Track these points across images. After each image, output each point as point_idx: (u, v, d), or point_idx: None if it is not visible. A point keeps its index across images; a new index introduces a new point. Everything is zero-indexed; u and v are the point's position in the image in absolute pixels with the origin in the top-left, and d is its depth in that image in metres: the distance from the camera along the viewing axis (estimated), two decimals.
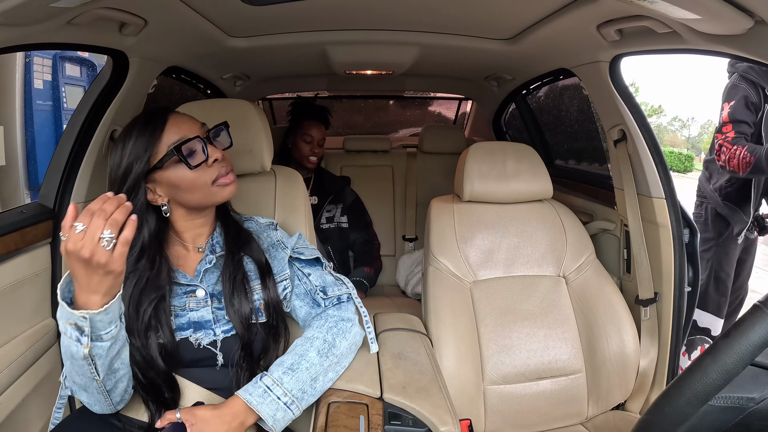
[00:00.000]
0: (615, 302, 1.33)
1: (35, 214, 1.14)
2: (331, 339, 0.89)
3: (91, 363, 0.72)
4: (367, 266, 2.05)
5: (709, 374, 0.53)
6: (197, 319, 0.88)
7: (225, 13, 1.25)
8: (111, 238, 0.64)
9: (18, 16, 0.81)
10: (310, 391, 0.84)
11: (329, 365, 0.87)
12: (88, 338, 0.69)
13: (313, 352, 0.86)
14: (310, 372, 0.84)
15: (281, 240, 0.99)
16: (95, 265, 0.65)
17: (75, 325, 0.68)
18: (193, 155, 0.84)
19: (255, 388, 0.81)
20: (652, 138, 1.34)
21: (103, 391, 0.77)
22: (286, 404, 0.80)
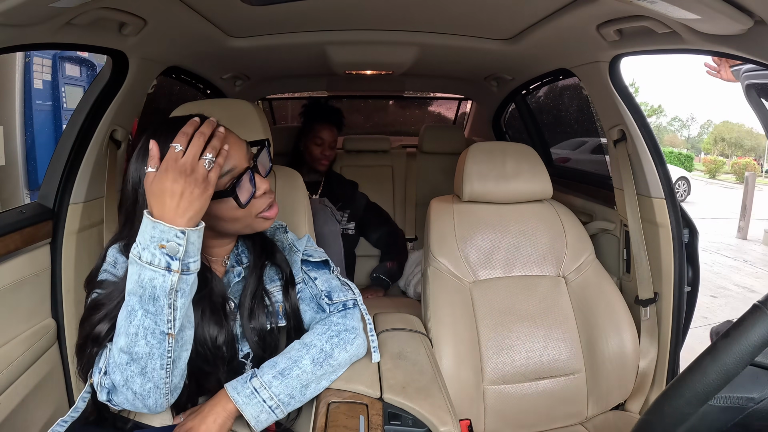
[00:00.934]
0: (615, 302, 1.33)
1: (35, 215, 1.14)
2: (330, 349, 0.86)
3: (171, 305, 0.65)
4: (390, 261, 2.03)
5: (708, 374, 0.53)
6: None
7: (224, 13, 1.25)
8: (211, 160, 0.65)
9: (18, 16, 0.81)
10: (299, 397, 0.82)
11: (323, 374, 0.85)
12: (180, 263, 0.64)
13: (308, 360, 0.84)
14: (301, 379, 0.82)
15: (293, 243, 0.97)
16: (194, 181, 0.64)
17: (167, 248, 0.63)
18: (242, 190, 0.76)
19: (243, 387, 0.79)
20: (651, 138, 1.35)
21: (168, 363, 0.68)
22: (271, 408, 0.79)
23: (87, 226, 1.26)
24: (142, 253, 0.64)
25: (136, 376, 0.68)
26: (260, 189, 0.79)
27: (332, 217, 1.80)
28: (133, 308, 0.66)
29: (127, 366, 0.68)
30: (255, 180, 0.78)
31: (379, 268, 2.02)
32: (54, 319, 1.19)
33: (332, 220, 1.79)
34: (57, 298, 1.19)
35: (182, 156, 0.65)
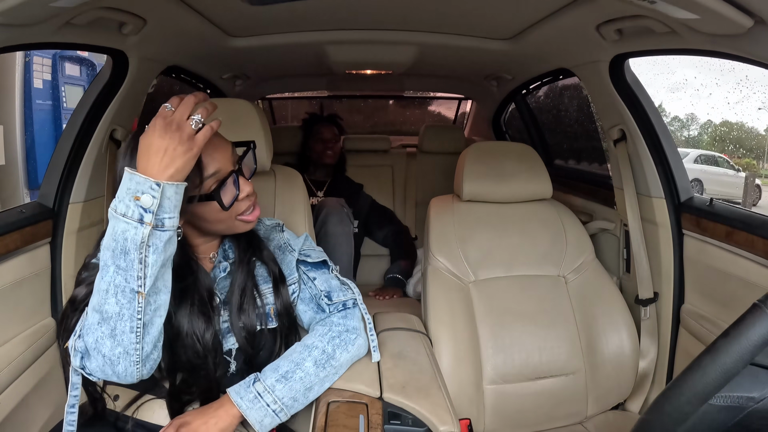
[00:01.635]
0: (614, 302, 1.33)
1: (35, 214, 1.14)
2: (331, 350, 0.86)
3: (142, 260, 0.65)
4: (403, 259, 2.04)
5: (708, 374, 0.53)
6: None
7: (224, 13, 1.25)
8: (199, 120, 0.67)
9: (18, 16, 0.81)
10: (302, 399, 0.83)
11: (325, 376, 0.85)
12: (153, 216, 0.64)
13: (310, 362, 0.84)
14: (305, 382, 0.82)
15: (288, 242, 0.97)
16: (178, 139, 0.65)
17: (141, 200, 0.64)
18: (225, 192, 0.78)
19: (246, 392, 0.80)
20: (653, 138, 1.34)
21: (138, 326, 0.67)
22: (275, 411, 0.79)
23: (87, 225, 1.26)
24: (118, 205, 0.65)
25: (105, 338, 0.67)
26: (243, 192, 0.80)
27: (347, 217, 1.82)
28: (106, 263, 0.66)
29: (98, 326, 0.67)
30: (239, 182, 0.79)
31: (393, 267, 2.02)
32: (54, 319, 1.19)
33: (347, 220, 1.81)
34: (57, 298, 1.19)
35: (171, 115, 0.66)
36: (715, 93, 4.71)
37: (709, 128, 4.44)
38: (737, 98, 3.61)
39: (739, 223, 1.15)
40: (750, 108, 3.74)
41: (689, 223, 1.30)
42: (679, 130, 4.37)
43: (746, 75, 3.00)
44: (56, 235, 1.19)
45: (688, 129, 4.46)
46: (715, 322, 1.21)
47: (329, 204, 1.81)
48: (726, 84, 3.25)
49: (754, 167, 4.45)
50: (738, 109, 4.59)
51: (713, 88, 4.89)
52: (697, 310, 1.29)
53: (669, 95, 5.47)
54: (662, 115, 1.36)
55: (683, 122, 4.43)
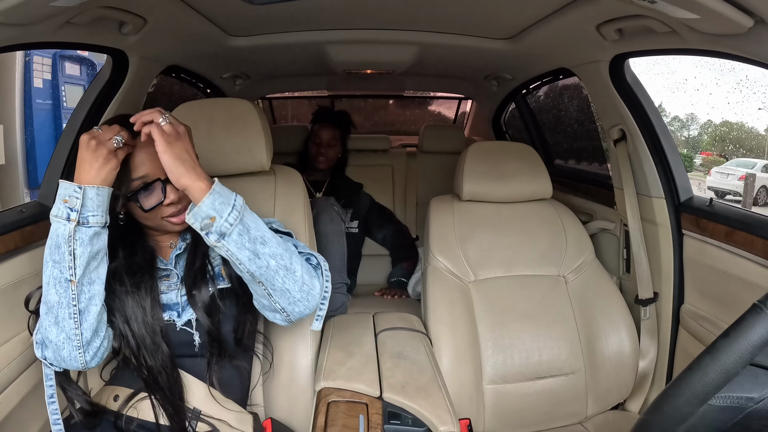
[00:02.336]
0: (614, 302, 1.33)
1: (35, 213, 1.14)
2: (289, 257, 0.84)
3: (71, 253, 0.76)
4: (405, 261, 2.03)
5: (708, 374, 0.53)
6: (165, 300, 0.91)
7: (224, 12, 1.25)
8: (120, 141, 0.78)
9: (18, 15, 0.81)
10: (250, 243, 0.79)
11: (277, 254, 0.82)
12: (77, 214, 0.76)
13: (276, 239, 0.84)
14: (266, 236, 0.81)
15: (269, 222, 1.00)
16: (95, 155, 0.76)
17: (68, 201, 0.76)
18: (149, 196, 0.86)
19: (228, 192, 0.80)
20: (654, 138, 1.34)
21: (75, 313, 0.78)
22: (234, 207, 0.78)
23: None
24: (53, 209, 0.77)
25: (51, 325, 0.79)
26: (168, 198, 0.86)
27: (338, 215, 1.81)
28: (46, 260, 0.78)
29: (45, 316, 0.79)
30: (166, 190, 0.86)
31: (396, 271, 2.02)
32: None
33: (338, 219, 1.80)
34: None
35: (96, 134, 0.78)
36: (715, 93, 4.71)
37: (709, 128, 4.45)
38: (737, 98, 3.62)
39: (739, 223, 1.15)
40: (750, 108, 3.75)
41: (689, 223, 1.30)
42: (679, 130, 4.38)
43: (746, 75, 3.01)
44: None
45: (688, 129, 4.47)
46: (715, 323, 1.21)
47: (319, 203, 1.80)
48: (726, 84, 3.25)
49: None
50: (738, 109, 4.61)
51: (713, 88, 4.90)
52: (697, 310, 1.29)
53: (669, 95, 5.46)
54: (662, 115, 1.36)
55: (683, 122, 4.43)
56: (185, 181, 0.78)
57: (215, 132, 1.15)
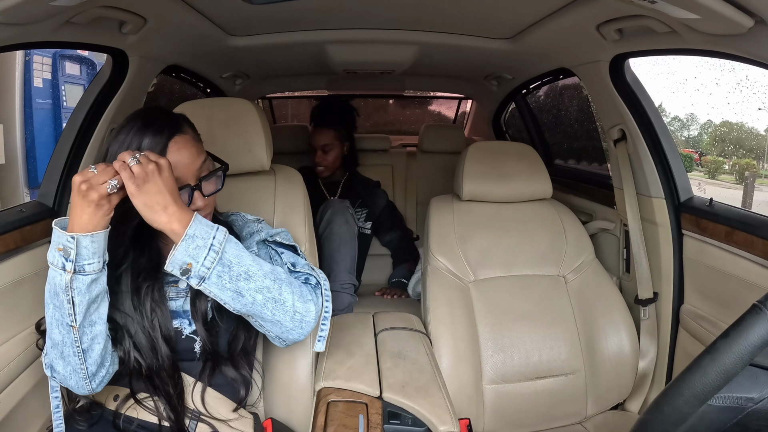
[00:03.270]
0: (614, 302, 1.33)
1: (35, 213, 1.14)
2: (284, 279, 0.83)
3: (70, 300, 0.74)
4: (407, 262, 2.02)
5: (708, 374, 0.53)
6: (175, 308, 0.89)
7: (225, 12, 1.25)
8: (114, 186, 0.73)
9: (18, 15, 0.81)
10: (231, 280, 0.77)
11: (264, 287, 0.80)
12: (73, 264, 0.73)
13: (267, 267, 0.82)
14: (249, 270, 0.79)
15: (260, 230, 0.99)
16: (87, 201, 0.72)
17: (63, 250, 0.73)
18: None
19: (207, 227, 0.77)
20: (654, 138, 1.34)
21: (79, 352, 0.77)
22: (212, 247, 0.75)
23: None
24: (49, 254, 0.75)
25: (57, 359, 0.79)
26: (193, 205, 0.85)
27: (352, 217, 1.80)
28: (47, 302, 0.77)
29: (51, 349, 0.79)
30: (193, 196, 0.85)
31: (398, 271, 2.01)
32: None
33: (352, 221, 1.78)
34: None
35: (90, 177, 0.72)
36: (715, 93, 4.72)
37: (709, 128, 4.44)
38: (737, 98, 3.63)
39: (739, 224, 1.15)
40: (750, 108, 3.75)
41: (689, 224, 1.30)
42: (679, 130, 4.37)
43: (746, 75, 3.03)
44: None
45: (688, 129, 4.45)
46: (715, 323, 1.21)
47: (334, 205, 1.80)
48: (726, 84, 3.27)
49: (754, 167, 4.45)
50: (738, 109, 4.61)
51: (713, 88, 4.89)
52: (697, 310, 1.29)
53: (669, 95, 5.44)
54: (662, 115, 1.36)
55: (683, 122, 4.42)
56: (158, 225, 0.75)
57: (215, 131, 1.15)
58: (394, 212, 2.15)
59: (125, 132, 0.81)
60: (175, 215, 0.75)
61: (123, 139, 0.80)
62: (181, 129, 0.84)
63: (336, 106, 2.09)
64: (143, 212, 0.75)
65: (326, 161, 2.00)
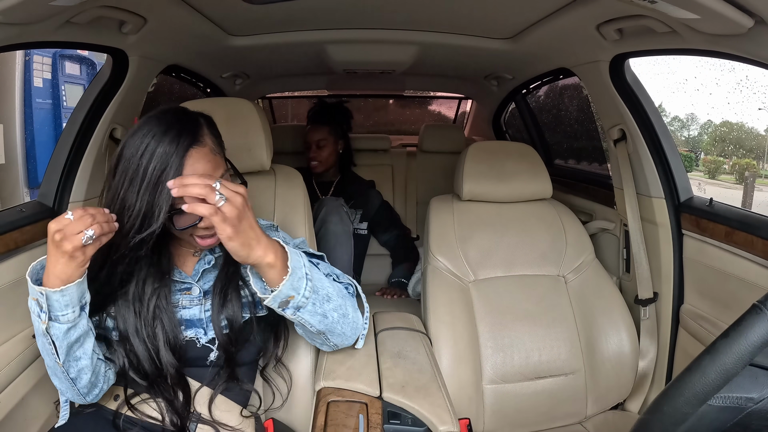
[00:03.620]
0: (614, 302, 1.33)
1: (35, 213, 1.14)
2: (344, 303, 0.85)
3: (50, 342, 0.74)
4: (407, 262, 2.02)
5: (707, 374, 0.53)
6: (188, 316, 0.87)
7: (224, 12, 1.25)
8: (90, 237, 0.69)
9: (18, 15, 0.81)
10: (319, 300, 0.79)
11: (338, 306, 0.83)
12: (46, 315, 0.72)
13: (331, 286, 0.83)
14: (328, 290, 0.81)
15: (284, 239, 0.96)
16: (60, 253, 0.69)
17: (36, 301, 0.72)
18: (185, 217, 0.78)
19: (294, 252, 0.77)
20: (654, 138, 1.34)
21: (68, 378, 0.79)
22: (306, 275, 0.76)
23: None
24: (29, 298, 0.74)
25: (53, 375, 0.80)
26: (204, 222, 0.80)
27: (346, 216, 1.80)
28: (36, 332, 0.76)
29: (47, 366, 0.80)
30: None
31: (397, 271, 2.01)
32: None
33: (346, 219, 1.79)
34: None
35: (65, 225, 0.69)
36: (715, 93, 4.72)
37: (709, 128, 4.44)
38: (737, 98, 3.62)
39: (739, 224, 1.15)
40: (750, 108, 3.75)
41: (689, 224, 1.30)
42: (679, 130, 4.36)
43: (746, 75, 3.03)
44: None
45: (688, 129, 4.45)
46: (715, 323, 1.21)
47: (328, 203, 1.79)
48: (726, 84, 3.27)
49: (754, 167, 4.44)
50: (738, 109, 4.60)
51: (713, 88, 4.89)
52: (697, 310, 1.29)
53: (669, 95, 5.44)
54: (662, 115, 1.36)
55: (683, 122, 4.42)
56: (253, 261, 0.71)
57: None
58: (390, 212, 2.15)
59: (140, 136, 0.75)
60: (269, 246, 0.72)
61: (138, 144, 0.75)
62: (199, 139, 0.78)
63: (332, 106, 2.12)
64: (237, 252, 0.70)
65: (320, 156, 2.02)
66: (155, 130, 0.75)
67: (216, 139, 0.83)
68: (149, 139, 0.75)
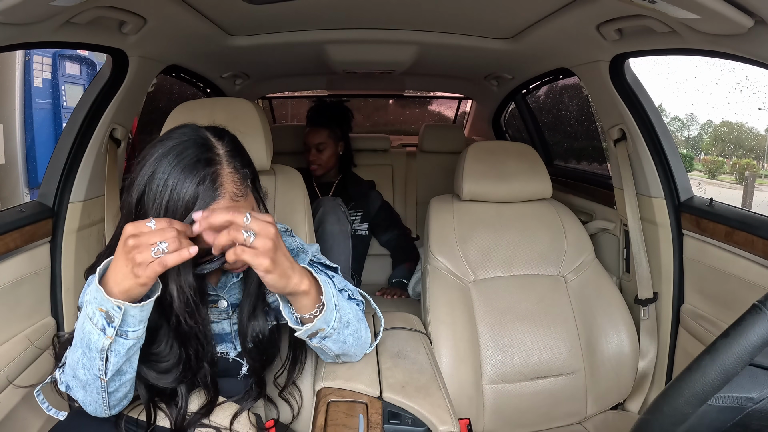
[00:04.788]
0: (614, 302, 1.33)
1: (35, 213, 1.14)
2: (358, 326, 0.86)
3: (103, 359, 0.67)
4: (407, 262, 2.02)
5: (707, 374, 0.53)
6: (218, 331, 0.86)
7: (224, 12, 1.25)
8: (164, 249, 0.63)
9: (18, 15, 0.81)
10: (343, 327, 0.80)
11: (355, 331, 0.84)
12: (115, 330, 0.65)
13: (348, 308, 0.83)
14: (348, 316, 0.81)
15: (302, 245, 0.96)
16: (130, 260, 0.63)
17: (106, 313, 0.64)
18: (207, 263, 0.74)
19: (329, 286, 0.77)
20: (654, 137, 1.34)
21: (104, 393, 0.73)
22: (335, 306, 0.77)
23: (87, 224, 1.26)
24: (87, 306, 0.66)
25: (78, 388, 0.73)
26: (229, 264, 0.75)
27: (344, 215, 1.80)
28: (76, 344, 0.69)
29: (72, 378, 0.72)
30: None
31: (398, 271, 2.01)
32: (54, 318, 1.19)
33: (344, 219, 1.78)
34: (56, 297, 1.19)
35: (144, 234, 0.63)
36: (715, 93, 4.69)
37: (709, 128, 4.44)
38: (737, 98, 3.61)
39: (739, 223, 1.15)
40: (750, 108, 3.74)
41: (689, 223, 1.30)
42: (679, 130, 4.37)
43: (746, 75, 3.02)
44: (56, 234, 1.19)
45: (688, 129, 4.46)
46: (715, 323, 1.21)
47: (326, 203, 1.79)
48: (726, 84, 3.26)
49: (754, 167, 4.44)
50: (738, 109, 4.58)
51: (713, 88, 4.88)
52: (697, 310, 1.29)
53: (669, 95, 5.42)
54: (662, 115, 1.36)
55: (683, 122, 4.42)
56: (291, 290, 0.69)
57: None
58: (390, 212, 2.15)
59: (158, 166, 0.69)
60: (303, 272, 0.71)
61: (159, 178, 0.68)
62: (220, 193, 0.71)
63: (331, 107, 2.10)
64: (275, 284, 0.67)
65: (320, 160, 2.01)
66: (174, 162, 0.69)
67: (240, 170, 0.76)
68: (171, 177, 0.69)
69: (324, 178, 2.08)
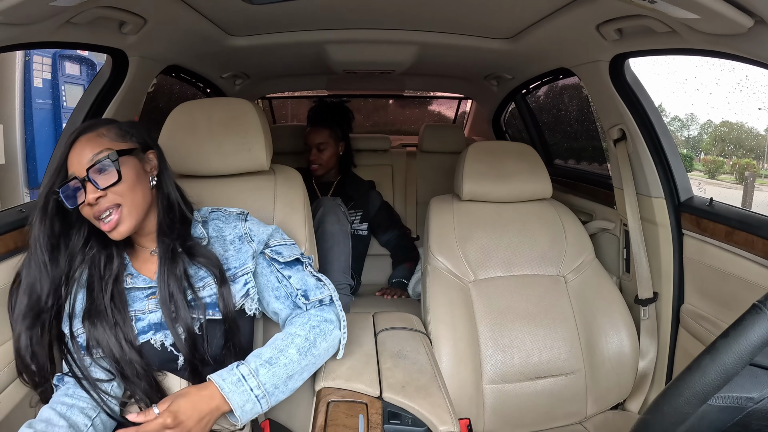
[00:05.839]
0: (614, 302, 1.33)
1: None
2: (313, 338, 0.87)
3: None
4: (407, 261, 2.02)
5: (708, 374, 0.53)
6: (156, 320, 0.87)
7: (224, 12, 1.25)
8: None
9: (18, 15, 0.81)
10: (282, 388, 0.82)
11: (306, 365, 0.85)
12: None
13: (293, 349, 0.84)
14: (287, 369, 0.82)
15: (249, 232, 0.96)
16: None
17: None
18: (69, 198, 0.82)
19: (229, 375, 0.80)
20: (653, 137, 1.34)
21: None
22: (257, 397, 0.79)
23: None
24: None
25: None
26: (87, 200, 0.81)
27: (344, 215, 1.79)
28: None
29: None
30: (86, 189, 0.81)
31: (398, 271, 2.01)
32: None
33: (344, 219, 1.78)
34: None
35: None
36: (715, 93, 4.67)
37: (709, 128, 4.44)
38: (737, 98, 3.60)
39: (739, 223, 1.15)
40: (750, 108, 3.73)
41: (689, 223, 1.30)
42: (679, 130, 4.37)
43: (746, 75, 3.01)
44: None
45: (688, 129, 4.46)
46: (715, 322, 1.21)
47: (325, 203, 1.79)
48: (726, 84, 3.25)
49: (754, 167, 4.44)
50: (738, 109, 4.57)
51: (713, 88, 4.85)
52: (697, 310, 1.29)
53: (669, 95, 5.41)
54: (662, 115, 1.36)
55: (683, 122, 4.42)
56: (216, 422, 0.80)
57: (215, 131, 1.15)
58: (390, 212, 2.15)
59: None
60: (214, 403, 0.78)
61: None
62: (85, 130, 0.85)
63: (332, 107, 2.10)
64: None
65: (321, 159, 2.01)
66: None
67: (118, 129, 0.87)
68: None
69: (324, 178, 2.08)
